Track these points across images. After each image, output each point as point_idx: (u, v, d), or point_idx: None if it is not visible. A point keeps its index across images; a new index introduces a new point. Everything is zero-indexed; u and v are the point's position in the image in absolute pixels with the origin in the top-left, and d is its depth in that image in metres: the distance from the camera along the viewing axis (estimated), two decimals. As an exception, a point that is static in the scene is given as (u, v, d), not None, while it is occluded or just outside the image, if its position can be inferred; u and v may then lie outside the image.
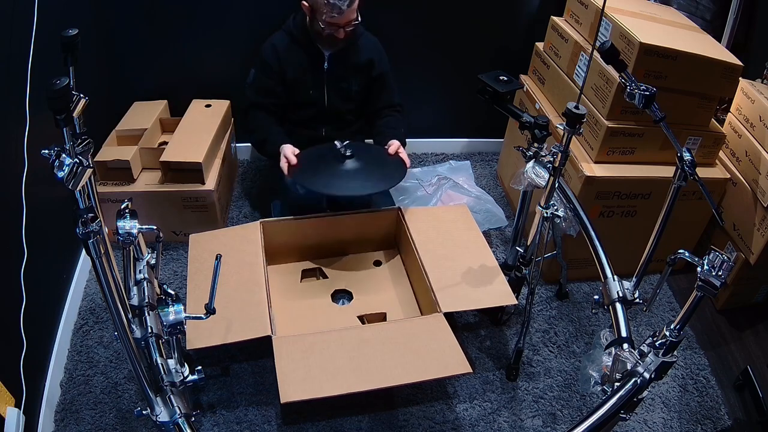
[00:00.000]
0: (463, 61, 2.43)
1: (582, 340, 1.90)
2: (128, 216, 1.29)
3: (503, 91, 1.56)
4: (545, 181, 1.49)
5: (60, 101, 0.91)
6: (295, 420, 1.60)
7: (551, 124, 1.67)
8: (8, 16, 1.43)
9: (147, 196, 1.99)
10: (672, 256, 1.24)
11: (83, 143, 1.03)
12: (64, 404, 1.59)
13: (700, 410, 1.73)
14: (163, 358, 1.26)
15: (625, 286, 1.49)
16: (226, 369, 1.71)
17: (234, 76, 2.30)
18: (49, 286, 1.71)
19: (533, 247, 1.67)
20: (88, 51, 1.99)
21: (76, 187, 0.93)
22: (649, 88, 1.28)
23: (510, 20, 2.38)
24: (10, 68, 1.44)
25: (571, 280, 2.07)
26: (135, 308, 1.29)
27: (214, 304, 1.27)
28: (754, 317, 2.07)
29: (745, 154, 1.94)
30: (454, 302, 1.62)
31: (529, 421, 1.66)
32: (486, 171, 2.65)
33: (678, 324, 1.20)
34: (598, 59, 1.35)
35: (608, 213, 1.94)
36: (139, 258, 1.40)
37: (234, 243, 1.76)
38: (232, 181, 2.41)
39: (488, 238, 2.16)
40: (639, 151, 1.90)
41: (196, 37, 2.22)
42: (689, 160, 1.33)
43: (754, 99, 1.93)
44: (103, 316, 1.84)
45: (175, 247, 2.11)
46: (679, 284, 2.15)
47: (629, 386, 1.20)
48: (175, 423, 1.19)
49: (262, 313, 1.54)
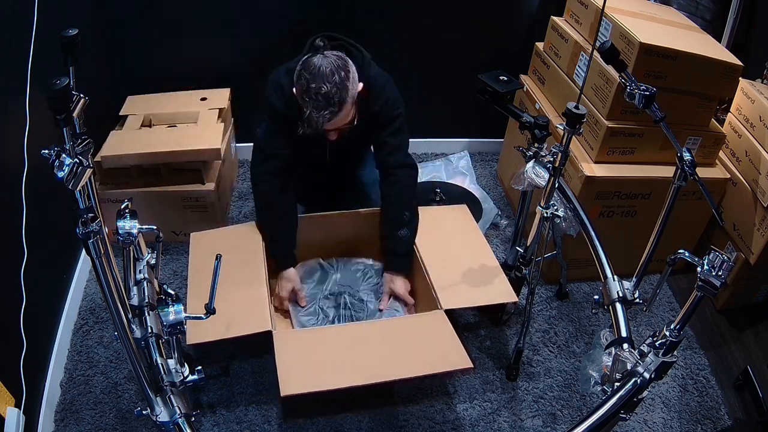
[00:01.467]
0: (463, 61, 2.43)
1: (582, 340, 1.90)
2: (128, 216, 1.29)
3: (503, 91, 1.56)
4: (545, 181, 1.49)
5: (60, 101, 0.91)
6: (295, 419, 1.60)
7: (551, 124, 1.67)
8: (8, 16, 1.44)
9: (147, 196, 1.99)
10: (672, 256, 1.23)
11: (83, 143, 1.03)
12: (64, 404, 1.59)
13: (700, 410, 1.73)
14: (163, 358, 1.26)
15: (625, 286, 1.49)
16: (226, 369, 1.71)
17: (236, 75, 2.31)
18: (49, 286, 1.71)
19: (533, 247, 1.67)
20: (88, 51, 2.00)
21: (76, 187, 0.93)
22: (649, 88, 1.28)
23: (510, 20, 2.38)
24: (10, 68, 1.44)
25: (571, 280, 2.07)
26: (135, 308, 1.29)
27: (214, 304, 1.27)
28: (754, 317, 2.07)
29: (745, 154, 1.94)
30: (455, 299, 1.62)
31: (529, 421, 1.66)
32: (486, 171, 2.65)
33: (678, 324, 1.20)
34: (598, 59, 1.35)
35: (608, 213, 1.94)
36: (139, 258, 1.40)
37: (235, 242, 1.76)
38: (232, 181, 2.41)
39: (488, 238, 2.16)
40: (639, 151, 1.91)
41: (196, 37, 2.23)
42: (689, 160, 1.32)
43: (754, 99, 1.93)
44: (103, 316, 1.84)
45: (175, 247, 2.11)
46: (679, 284, 2.15)
47: (629, 386, 1.20)
48: (175, 423, 1.19)
49: (263, 308, 1.54)
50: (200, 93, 2.24)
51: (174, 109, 2.15)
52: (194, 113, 2.13)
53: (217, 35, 2.23)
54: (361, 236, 1.91)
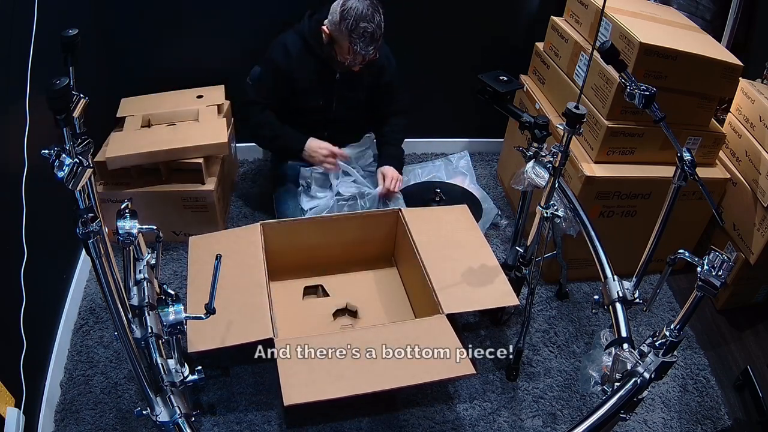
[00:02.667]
0: (463, 61, 2.43)
1: (582, 340, 1.90)
2: (128, 216, 1.29)
3: (503, 91, 1.56)
4: (545, 181, 1.48)
5: (60, 101, 0.91)
6: (295, 420, 1.60)
7: (551, 124, 1.67)
8: (8, 16, 1.43)
9: (147, 196, 1.99)
10: (672, 256, 1.23)
11: (83, 143, 1.03)
12: (64, 404, 1.59)
13: (700, 410, 1.73)
14: (163, 358, 1.26)
15: (625, 286, 1.49)
16: (226, 369, 1.71)
17: (236, 76, 2.30)
18: (49, 286, 1.71)
19: (533, 247, 1.67)
20: (88, 51, 2.00)
21: (76, 187, 0.93)
22: (649, 88, 1.28)
23: (510, 20, 2.38)
24: (10, 68, 1.44)
25: (571, 280, 2.07)
26: (135, 308, 1.29)
27: (214, 305, 1.27)
28: (754, 317, 2.07)
29: (745, 154, 1.94)
30: (456, 303, 1.62)
31: (529, 421, 1.66)
32: (486, 171, 2.65)
33: (678, 324, 1.20)
34: (598, 59, 1.35)
35: (608, 213, 1.94)
36: (139, 258, 1.40)
37: (234, 245, 1.76)
38: (232, 181, 2.41)
39: (488, 238, 2.16)
40: (639, 151, 1.91)
41: (197, 37, 2.23)
42: (689, 160, 1.32)
43: (754, 99, 1.93)
44: (103, 316, 1.84)
45: (175, 247, 2.11)
46: (679, 284, 2.15)
47: (629, 386, 1.20)
48: (175, 423, 1.19)
49: (264, 315, 1.53)
50: (195, 91, 2.24)
51: (172, 108, 2.14)
52: (193, 111, 2.13)
53: (215, 36, 2.23)
54: (361, 236, 1.91)
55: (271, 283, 1.71)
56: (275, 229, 1.84)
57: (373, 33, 1.76)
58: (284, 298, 1.87)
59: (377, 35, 1.77)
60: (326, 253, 1.94)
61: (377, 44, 1.80)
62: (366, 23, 1.74)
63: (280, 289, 1.89)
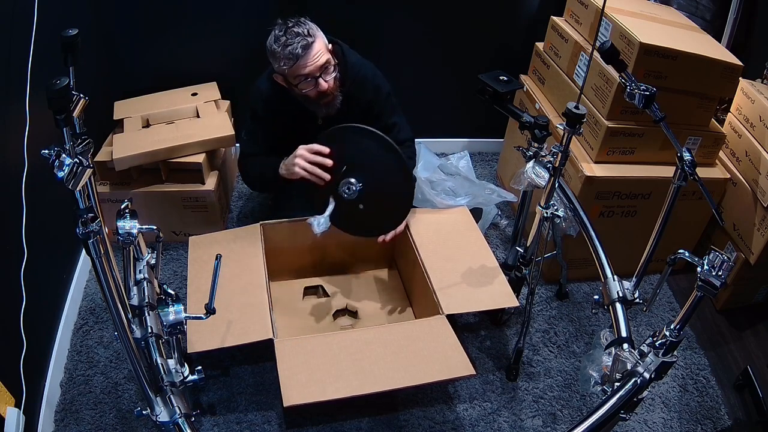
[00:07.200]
0: (463, 61, 2.43)
1: (582, 340, 1.90)
2: (128, 216, 1.29)
3: (503, 91, 1.56)
4: (545, 181, 1.48)
5: (60, 101, 0.91)
6: (295, 420, 1.60)
7: (551, 124, 1.67)
8: (8, 16, 1.44)
9: (147, 196, 1.99)
10: (672, 256, 1.23)
11: (83, 143, 1.03)
12: (64, 404, 1.59)
13: (700, 410, 1.73)
14: (163, 358, 1.26)
15: (625, 286, 1.49)
16: (226, 369, 1.71)
17: (237, 75, 2.30)
18: (49, 286, 1.71)
19: (533, 247, 1.67)
20: (88, 51, 1.99)
21: (76, 187, 0.93)
22: (649, 88, 1.28)
23: (510, 20, 2.38)
24: (10, 68, 1.44)
25: (571, 280, 2.07)
26: (135, 308, 1.29)
27: (214, 304, 1.27)
28: (754, 317, 2.07)
29: (745, 154, 1.94)
30: (456, 304, 1.62)
31: (529, 421, 1.66)
32: (486, 171, 2.65)
33: (678, 324, 1.20)
34: (598, 59, 1.35)
35: (608, 213, 1.94)
36: (139, 258, 1.40)
37: (234, 245, 1.76)
38: (232, 181, 2.41)
39: (488, 238, 2.16)
40: (639, 151, 1.91)
41: (197, 37, 2.22)
42: (689, 160, 1.32)
43: (754, 99, 1.93)
44: (103, 316, 1.84)
45: (175, 247, 2.11)
46: (679, 284, 2.15)
47: (629, 386, 1.20)
48: (175, 423, 1.19)
49: (264, 315, 1.54)
50: (189, 89, 2.25)
51: (168, 106, 2.14)
52: (191, 108, 2.14)
53: (213, 36, 2.23)
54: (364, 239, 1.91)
55: (271, 283, 1.71)
56: (275, 229, 1.84)
57: (297, 32, 1.58)
58: (284, 298, 1.88)
59: (304, 32, 1.59)
60: (326, 253, 1.94)
61: (307, 39, 1.58)
62: (286, 37, 1.59)
63: (280, 289, 1.90)
